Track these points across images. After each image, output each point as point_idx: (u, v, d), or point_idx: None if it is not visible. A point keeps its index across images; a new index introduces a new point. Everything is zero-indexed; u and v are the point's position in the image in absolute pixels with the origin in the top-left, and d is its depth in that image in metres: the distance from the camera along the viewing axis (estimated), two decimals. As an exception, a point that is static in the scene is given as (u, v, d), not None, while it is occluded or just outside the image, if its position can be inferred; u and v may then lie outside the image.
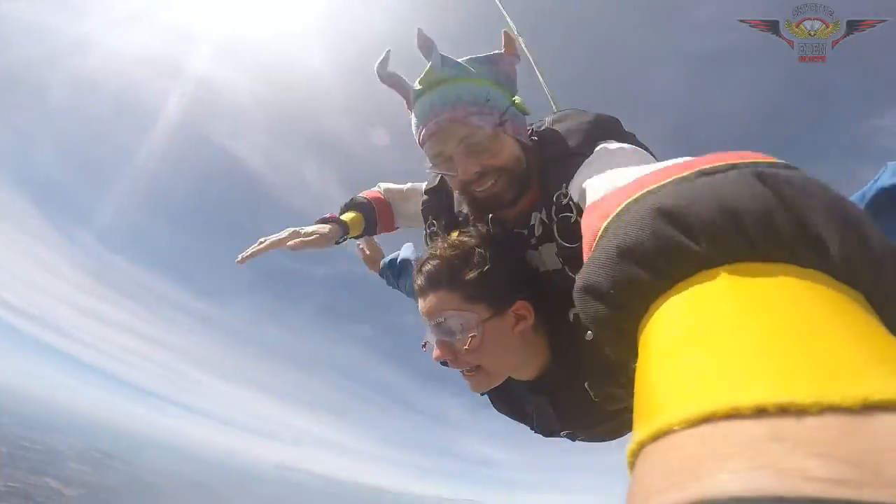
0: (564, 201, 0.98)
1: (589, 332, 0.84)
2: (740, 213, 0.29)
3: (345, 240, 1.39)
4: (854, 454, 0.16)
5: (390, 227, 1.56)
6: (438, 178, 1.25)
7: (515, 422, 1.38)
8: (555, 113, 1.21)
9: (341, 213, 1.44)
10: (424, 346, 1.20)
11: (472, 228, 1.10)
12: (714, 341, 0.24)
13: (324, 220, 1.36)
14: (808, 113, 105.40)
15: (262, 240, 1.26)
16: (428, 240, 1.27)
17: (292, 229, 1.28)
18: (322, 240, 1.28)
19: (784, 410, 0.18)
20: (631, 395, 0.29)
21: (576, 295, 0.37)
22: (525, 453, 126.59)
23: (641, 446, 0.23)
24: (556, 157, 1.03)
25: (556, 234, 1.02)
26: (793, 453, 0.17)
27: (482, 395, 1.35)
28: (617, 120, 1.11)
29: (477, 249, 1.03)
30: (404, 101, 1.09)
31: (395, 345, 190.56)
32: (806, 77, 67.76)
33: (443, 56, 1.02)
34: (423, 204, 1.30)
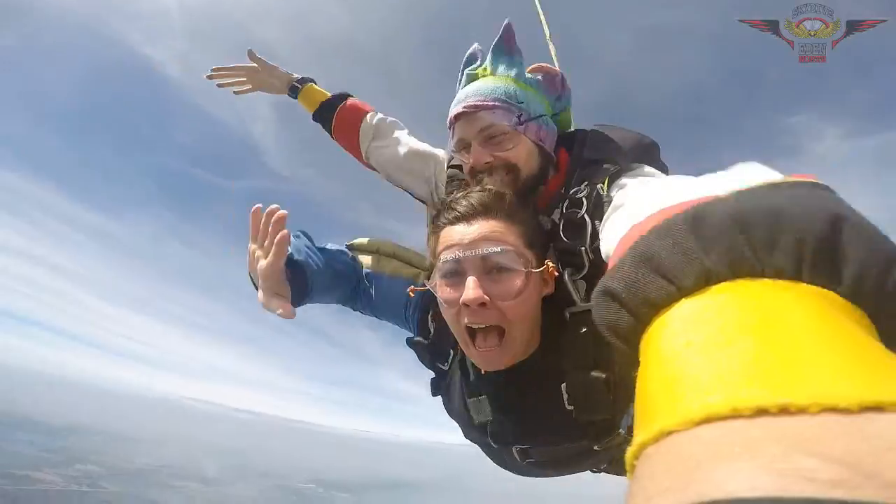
0: (579, 195, 0.97)
1: (583, 329, 0.88)
2: (754, 225, 0.30)
3: (296, 89, 1.54)
4: (851, 454, 0.17)
5: (350, 144, 1.46)
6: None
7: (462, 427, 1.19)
8: (597, 124, 1.22)
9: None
10: (426, 283, 0.98)
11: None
12: (716, 348, 0.25)
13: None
14: (732, 96, 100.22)
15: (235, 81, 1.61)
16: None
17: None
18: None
19: (784, 410, 0.19)
20: (614, 403, 0.27)
21: (594, 298, 0.37)
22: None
23: (642, 448, 0.23)
24: (587, 161, 1.06)
25: (560, 229, 0.98)
26: (791, 453, 0.17)
27: (434, 395, 1.21)
28: (657, 145, 1.13)
29: (528, 196, 1.01)
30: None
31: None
32: (743, 59, 63.80)
33: (506, 55, 1.12)
34: (448, 171, 1.27)
